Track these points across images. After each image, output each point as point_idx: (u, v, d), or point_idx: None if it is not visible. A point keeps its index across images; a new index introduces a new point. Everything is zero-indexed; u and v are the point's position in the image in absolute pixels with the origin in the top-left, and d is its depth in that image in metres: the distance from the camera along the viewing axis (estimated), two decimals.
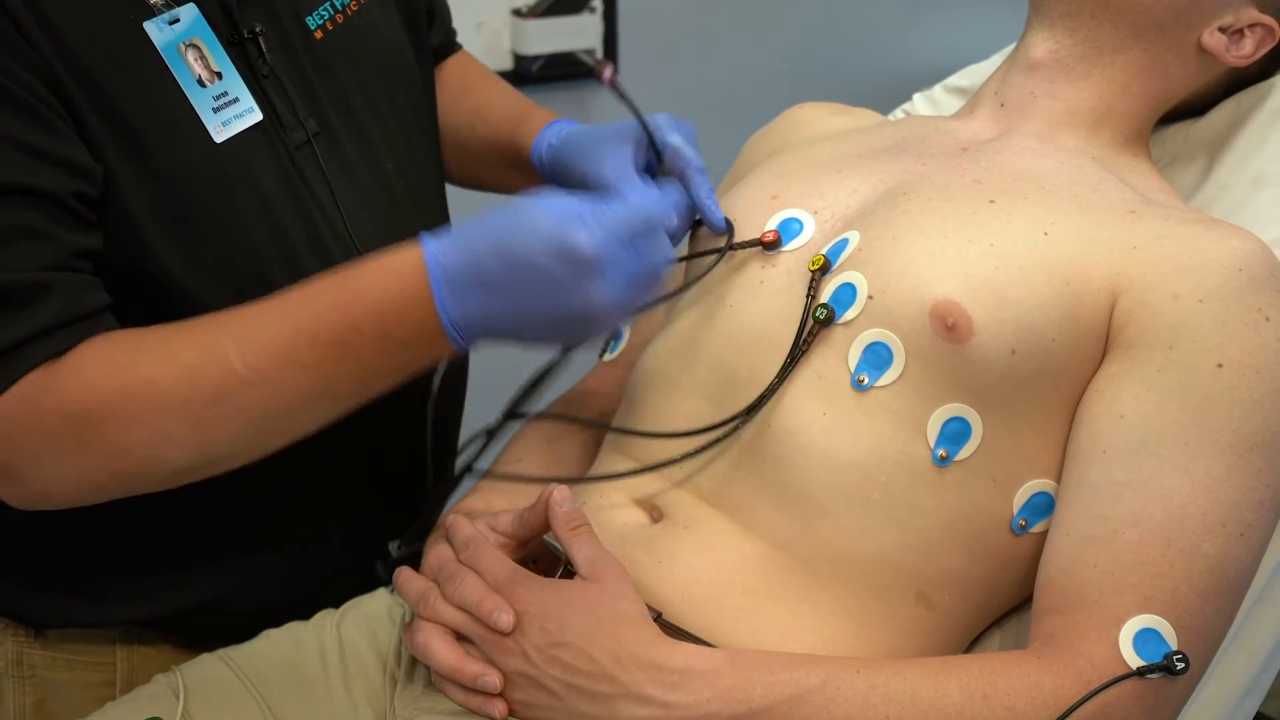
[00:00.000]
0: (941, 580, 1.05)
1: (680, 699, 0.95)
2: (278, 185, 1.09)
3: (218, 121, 1.05)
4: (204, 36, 1.06)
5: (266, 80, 1.10)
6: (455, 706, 1.02)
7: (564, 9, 2.33)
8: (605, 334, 1.03)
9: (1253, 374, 1.00)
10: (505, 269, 0.94)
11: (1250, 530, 0.99)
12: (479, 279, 0.94)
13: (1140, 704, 0.96)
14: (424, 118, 1.28)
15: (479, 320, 0.96)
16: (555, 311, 0.94)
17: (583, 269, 0.93)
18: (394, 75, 1.23)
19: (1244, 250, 1.03)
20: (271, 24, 1.12)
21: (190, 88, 1.04)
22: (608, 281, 0.94)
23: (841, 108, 1.37)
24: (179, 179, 1.03)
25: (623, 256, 0.94)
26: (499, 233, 0.95)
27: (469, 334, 0.96)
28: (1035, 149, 1.16)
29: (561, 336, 1.00)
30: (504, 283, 0.94)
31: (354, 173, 1.16)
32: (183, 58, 1.04)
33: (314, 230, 1.11)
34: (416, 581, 1.06)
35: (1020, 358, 1.03)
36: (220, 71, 1.06)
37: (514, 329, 0.96)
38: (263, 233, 1.08)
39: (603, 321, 0.97)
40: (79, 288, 1.00)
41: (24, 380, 0.96)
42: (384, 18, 1.24)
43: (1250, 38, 1.20)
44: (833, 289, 1.08)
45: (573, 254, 0.92)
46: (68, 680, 1.19)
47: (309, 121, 1.13)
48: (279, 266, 1.09)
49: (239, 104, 1.07)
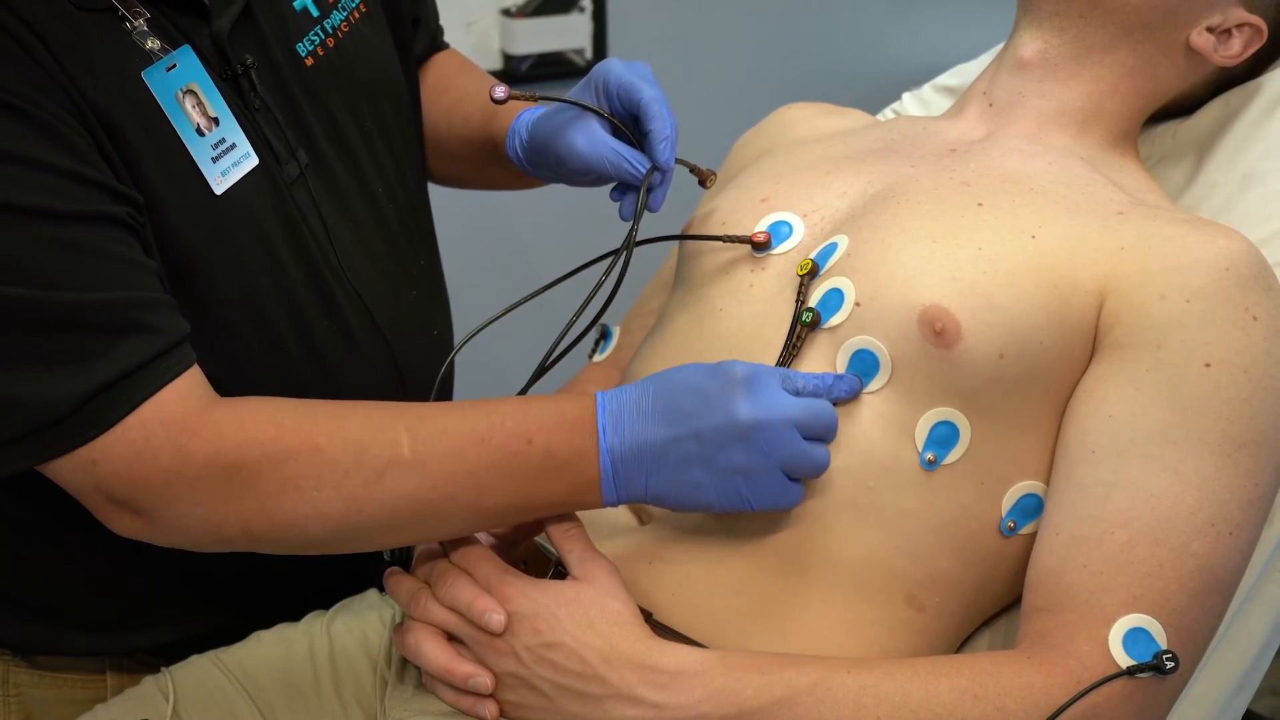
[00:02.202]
0: (931, 582, 1.05)
1: (671, 700, 0.95)
2: (276, 222, 1.08)
3: (217, 172, 1.04)
4: (200, 80, 1.04)
5: (259, 113, 1.08)
6: (446, 707, 1.02)
7: (553, 9, 2.32)
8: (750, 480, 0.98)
9: (1240, 373, 1.01)
10: (664, 393, 0.98)
11: (1239, 529, 0.99)
12: (638, 407, 0.98)
13: (1130, 703, 0.96)
14: (410, 133, 1.27)
15: (633, 446, 0.97)
16: (700, 430, 0.96)
17: (733, 383, 0.97)
18: (384, 95, 1.22)
19: (1231, 250, 1.04)
20: (261, 54, 1.10)
21: (189, 138, 1.03)
22: (756, 400, 0.96)
23: (830, 108, 1.38)
24: (181, 228, 1.02)
25: (774, 387, 0.98)
26: (665, 375, 1.00)
27: (623, 466, 0.98)
28: (1024, 149, 1.17)
29: (708, 466, 0.98)
30: (660, 408, 0.97)
31: (346, 201, 1.15)
32: (181, 106, 1.02)
33: (310, 264, 1.11)
34: (407, 582, 1.06)
35: (1008, 361, 1.03)
36: (217, 117, 1.05)
37: (662, 457, 0.97)
38: (262, 273, 1.07)
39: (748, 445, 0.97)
40: (172, 310, 0.98)
41: (148, 409, 0.94)
42: (374, 33, 1.23)
43: (1238, 37, 1.20)
44: (821, 294, 1.08)
45: (725, 371, 0.97)
46: (54, 697, 1.18)
47: (300, 153, 1.11)
48: (277, 302, 1.08)
49: (236, 150, 1.06)
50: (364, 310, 1.14)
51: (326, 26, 1.16)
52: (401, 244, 1.20)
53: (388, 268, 1.18)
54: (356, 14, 1.20)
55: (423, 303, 1.24)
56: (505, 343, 1.30)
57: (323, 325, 1.11)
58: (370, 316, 1.15)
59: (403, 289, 1.20)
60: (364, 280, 1.14)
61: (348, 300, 1.13)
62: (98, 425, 0.94)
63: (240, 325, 1.06)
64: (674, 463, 0.97)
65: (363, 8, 1.21)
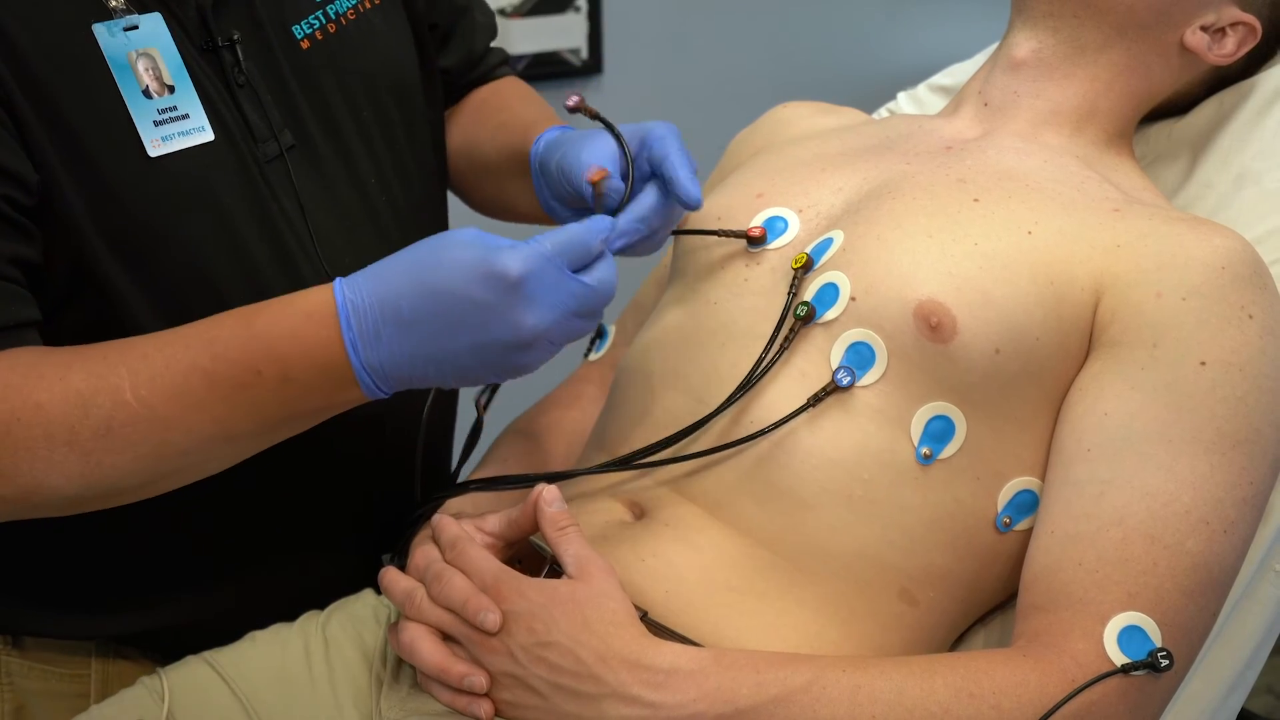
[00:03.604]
0: (925, 577, 1.05)
1: (666, 699, 0.95)
2: (239, 200, 1.07)
3: (156, 135, 1.02)
4: (162, 47, 1.03)
5: (241, 90, 1.07)
6: (441, 707, 1.02)
7: (549, 8, 2.33)
8: (536, 364, 0.95)
9: (1235, 371, 1.01)
10: (425, 301, 0.91)
11: (1233, 527, 1.00)
12: (395, 316, 0.92)
13: (1125, 701, 0.96)
14: (418, 130, 1.25)
15: (398, 362, 0.93)
16: (482, 342, 0.92)
17: (510, 291, 0.90)
18: (387, 88, 1.20)
19: (1227, 248, 1.04)
20: (252, 32, 1.09)
21: (133, 97, 1.01)
22: (538, 305, 0.91)
23: (826, 107, 1.38)
24: (118, 190, 1.01)
25: (555, 279, 0.92)
26: (416, 266, 0.92)
27: (387, 378, 0.93)
28: (1019, 148, 1.17)
29: (490, 370, 0.95)
30: (424, 317, 0.91)
31: (331, 188, 1.14)
32: (131, 66, 1.01)
33: (281, 247, 1.09)
34: (402, 582, 1.05)
35: (1004, 357, 1.03)
36: (173, 85, 1.03)
37: (436, 369, 0.93)
38: (217, 249, 1.06)
39: (533, 348, 0.93)
40: (4, 297, 0.97)
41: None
42: (388, 27, 1.21)
43: (1232, 36, 1.20)
44: (816, 289, 1.08)
45: (498, 276, 0.90)
46: (43, 690, 1.17)
47: (284, 134, 1.10)
48: (237, 282, 1.06)
49: (187, 121, 1.04)
50: None
51: (330, 11, 1.16)
52: (394, 237, 1.19)
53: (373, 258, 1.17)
54: (368, 4, 1.19)
55: None
56: None
57: None
58: None
59: None
60: (344, 268, 1.13)
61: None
62: None
63: (194, 298, 1.05)
64: (451, 369, 0.94)
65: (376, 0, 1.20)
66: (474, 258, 0.91)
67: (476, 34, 1.36)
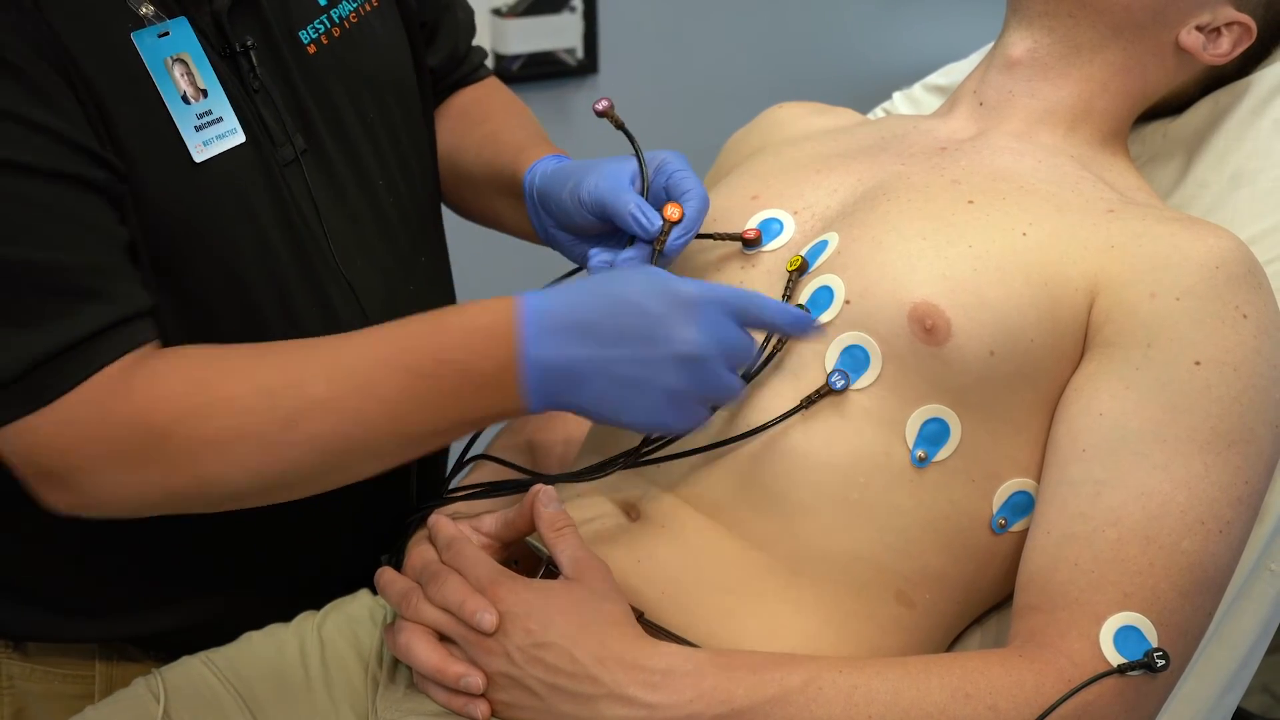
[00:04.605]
0: (921, 579, 1.05)
1: (663, 699, 0.95)
2: (265, 203, 1.08)
3: (199, 140, 1.03)
4: (193, 52, 1.04)
5: (258, 95, 1.08)
6: (437, 708, 1.02)
7: (544, 8, 2.33)
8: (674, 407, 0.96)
9: (1230, 371, 1.01)
10: (603, 308, 0.94)
11: (1229, 527, 1.00)
12: (572, 319, 0.94)
13: (1121, 701, 0.96)
14: (417, 131, 1.26)
15: (561, 363, 0.94)
16: (641, 353, 0.94)
17: (681, 306, 0.93)
18: (389, 90, 1.21)
19: (1221, 248, 1.04)
20: (263, 37, 1.10)
21: (174, 104, 1.02)
22: (701, 326, 0.94)
23: (821, 107, 1.38)
24: (159, 195, 1.01)
25: (720, 315, 0.95)
26: (601, 282, 0.96)
27: (549, 380, 0.95)
28: (1014, 148, 1.17)
29: (634, 391, 0.95)
30: (597, 323, 0.94)
31: (342, 190, 1.15)
32: (169, 72, 1.02)
33: (300, 248, 1.10)
34: (399, 582, 1.05)
35: (999, 359, 1.03)
36: (206, 89, 1.04)
37: (590, 378, 0.94)
38: (248, 252, 1.07)
39: (688, 368, 0.94)
40: (134, 282, 0.98)
41: (91, 381, 0.94)
42: (385, 29, 1.22)
43: (1227, 36, 1.20)
44: (810, 292, 1.08)
45: (674, 293, 0.94)
46: (45, 692, 1.17)
47: (296, 138, 1.11)
48: (263, 284, 1.08)
49: (222, 124, 1.05)
50: (354, 301, 1.14)
51: (333, 15, 1.16)
52: (401, 238, 1.20)
53: (384, 260, 1.18)
54: (367, 7, 1.20)
55: (423, 299, 1.23)
56: None
57: (311, 313, 1.11)
58: (360, 308, 1.14)
59: (399, 283, 1.20)
60: (356, 270, 1.14)
61: (338, 290, 1.13)
62: (45, 394, 0.93)
63: (223, 303, 1.06)
64: (607, 381, 0.95)
65: (374, 2, 1.21)
66: (656, 279, 0.95)
67: (459, 32, 1.37)
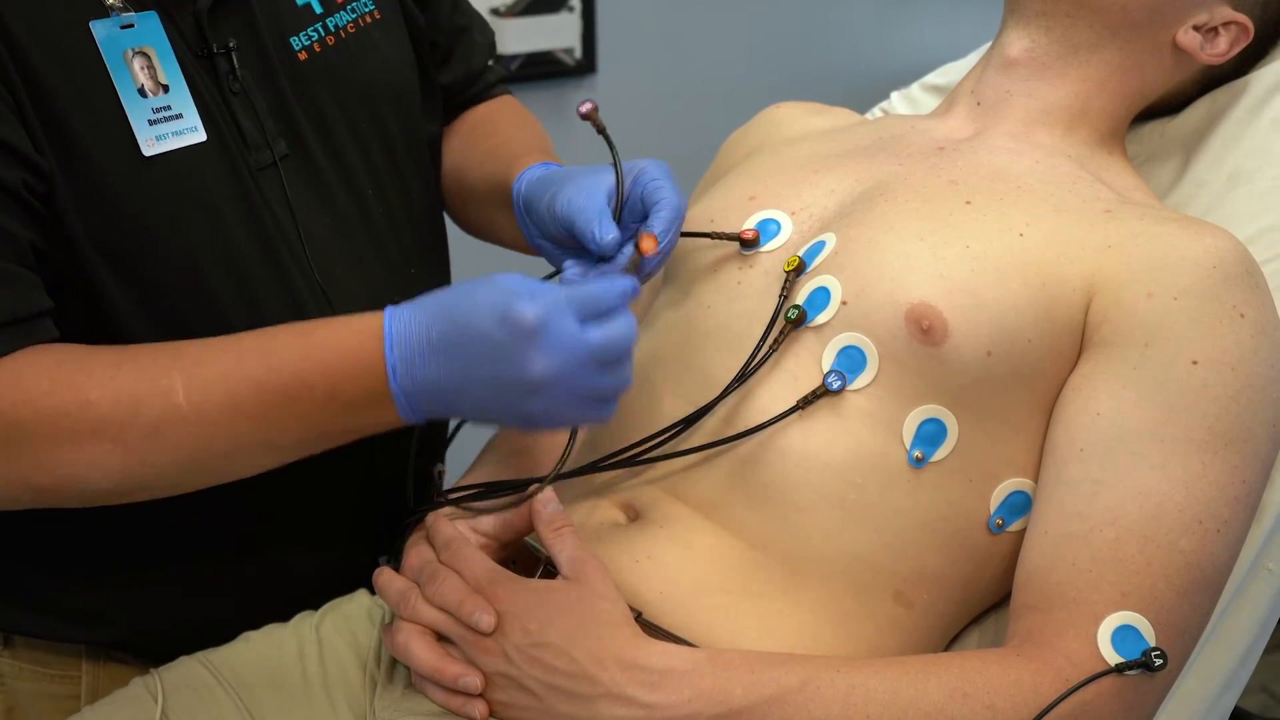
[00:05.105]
0: (919, 579, 1.05)
1: (661, 699, 0.95)
2: (230, 204, 1.07)
3: (151, 135, 1.03)
4: (159, 47, 1.03)
5: (236, 97, 1.08)
6: (436, 707, 1.02)
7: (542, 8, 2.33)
8: (550, 418, 0.95)
9: (1227, 370, 1.01)
10: (453, 332, 0.92)
11: (1226, 526, 1.00)
12: (428, 343, 0.93)
13: (1119, 700, 0.96)
14: (416, 144, 1.26)
15: (428, 388, 0.93)
16: (496, 379, 0.92)
17: (523, 335, 0.91)
18: (387, 101, 1.21)
19: (1219, 247, 1.04)
20: (249, 40, 1.10)
21: (128, 95, 1.02)
22: (548, 353, 0.91)
23: (819, 107, 1.38)
24: (110, 188, 1.01)
25: (569, 330, 0.91)
26: (452, 300, 0.94)
27: (418, 403, 0.94)
28: (1011, 148, 1.17)
29: (507, 413, 0.95)
30: (450, 347, 0.92)
31: (328, 197, 1.14)
32: (127, 64, 1.02)
33: (271, 254, 1.09)
34: (397, 582, 1.06)
35: (996, 359, 1.03)
36: (168, 85, 1.04)
37: (458, 399, 0.94)
38: (207, 251, 1.06)
39: (543, 394, 0.92)
40: (27, 285, 0.98)
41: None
42: (388, 42, 1.22)
43: (1225, 36, 1.20)
44: (808, 292, 1.08)
45: (514, 320, 0.91)
46: (33, 691, 1.17)
47: (278, 143, 1.11)
48: (228, 287, 1.07)
49: (180, 121, 1.04)
50: (328, 307, 1.13)
51: (329, 24, 1.16)
52: (392, 249, 1.20)
53: (371, 269, 1.17)
54: (369, 19, 1.19)
55: None
56: None
57: (280, 315, 1.10)
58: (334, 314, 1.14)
59: (385, 293, 1.19)
60: (334, 278, 1.13)
61: (311, 294, 1.12)
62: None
63: (183, 297, 1.05)
64: (473, 402, 0.94)
65: (377, 14, 1.20)
66: (497, 299, 0.92)
67: (475, 52, 1.37)
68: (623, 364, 0.95)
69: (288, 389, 0.95)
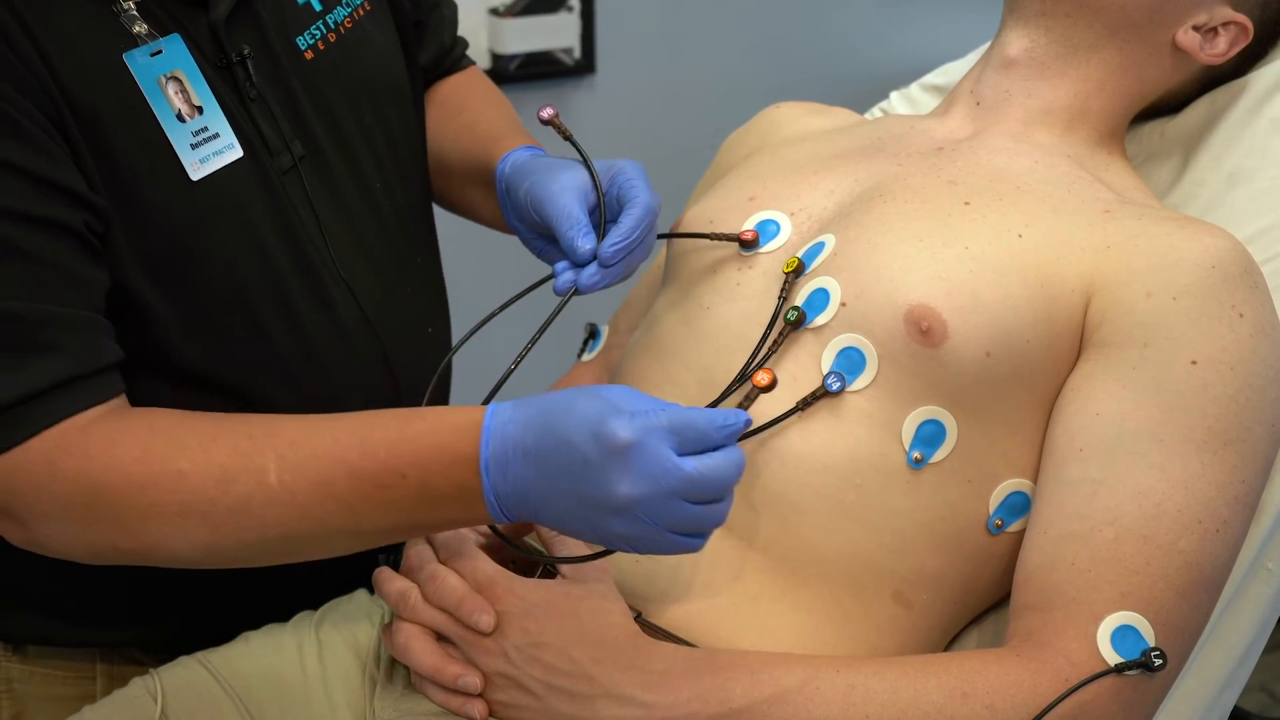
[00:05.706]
0: (918, 580, 1.05)
1: (660, 699, 0.95)
2: (264, 213, 1.08)
3: (195, 159, 1.03)
4: (186, 69, 1.04)
5: (254, 104, 1.08)
6: (435, 707, 1.02)
7: (541, 8, 2.32)
8: (634, 542, 0.92)
9: (1226, 370, 1.01)
10: (545, 442, 0.91)
11: (1226, 526, 1.00)
12: (523, 449, 0.92)
13: (1118, 700, 0.96)
14: (412, 132, 1.26)
15: (517, 491, 0.92)
16: (580, 494, 0.90)
17: (612, 454, 0.88)
18: (385, 92, 1.21)
19: (1217, 248, 1.04)
20: (260, 45, 1.10)
21: (169, 123, 1.02)
22: (635, 476, 0.89)
23: (818, 107, 1.38)
24: (158, 215, 1.02)
25: (662, 456, 0.88)
26: (550, 407, 0.92)
27: (508, 504, 0.93)
28: (1010, 148, 1.17)
29: (589, 528, 0.92)
30: (542, 456, 0.91)
31: (341, 194, 1.15)
32: (162, 91, 1.02)
33: (301, 255, 1.10)
34: (396, 582, 1.05)
35: (995, 360, 1.03)
36: (201, 106, 1.04)
37: (543, 507, 0.92)
38: (249, 262, 1.07)
39: (626, 516, 0.90)
40: (97, 334, 0.98)
41: (46, 434, 0.94)
42: (379, 33, 1.22)
43: (1224, 36, 1.20)
44: (807, 293, 1.08)
45: (605, 437, 0.89)
46: (45, 694, 1.17)
47: (295, 145, 1.11)
48: (265, 293, 1.08)
49: (219, 140, 1.05)
50: (354, 303, 1.14)
51: (329, 21, 1.16)
52: (399, 240, 1.20)
53: (382, 262, 1.18)
54: (360, 11, 1.20)
55: (418, 300, 1.24)
56: (502, 342, 1.29)
57: (313, 317, 1.11)
58: (360, 310, 1.15)
59: (397, 285, 1.20)
60: (355, 273, 1.14)
61: (339, 292, 1.13)
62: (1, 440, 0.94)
63: (225, 312, 1.06)
64: (559, 513, 0.93)
65: (367, 6, 1.21)
66: (594, 413, 0.90)
67: (445, 27, 1.37)
68: (721, 500, 0.92)
69: (380, 477, 0.94)
